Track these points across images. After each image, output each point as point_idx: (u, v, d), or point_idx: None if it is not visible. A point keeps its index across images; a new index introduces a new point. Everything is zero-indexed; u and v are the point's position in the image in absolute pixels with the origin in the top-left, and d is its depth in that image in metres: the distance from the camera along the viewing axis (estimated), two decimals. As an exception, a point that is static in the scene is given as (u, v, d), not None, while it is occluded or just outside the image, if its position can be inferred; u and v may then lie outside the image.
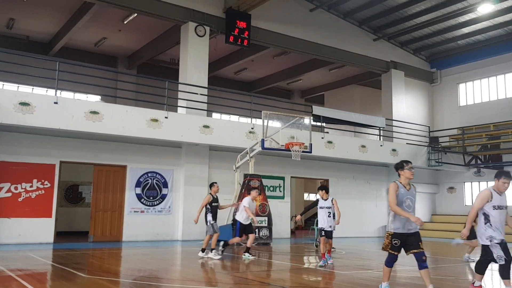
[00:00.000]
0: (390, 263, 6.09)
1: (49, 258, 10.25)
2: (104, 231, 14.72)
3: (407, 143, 20.07)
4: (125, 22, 17.83)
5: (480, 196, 6.09)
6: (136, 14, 16.56)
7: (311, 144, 14.09)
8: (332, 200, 9.95)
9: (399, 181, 6.08)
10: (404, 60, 22.65)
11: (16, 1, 16.36)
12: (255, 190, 11.29)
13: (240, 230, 10.92)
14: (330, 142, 17.41)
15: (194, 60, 16.30)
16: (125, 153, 15.04)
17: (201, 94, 15.63)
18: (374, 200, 20.70)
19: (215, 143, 15.07)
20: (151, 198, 15.37)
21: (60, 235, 14.45)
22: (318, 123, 17.83)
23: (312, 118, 15.90)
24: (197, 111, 15.24)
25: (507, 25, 19.99)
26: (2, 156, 13.12)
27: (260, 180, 14.88)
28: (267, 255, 12.04)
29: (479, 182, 21.02)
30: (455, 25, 20.36)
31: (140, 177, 15.24)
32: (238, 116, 21.20)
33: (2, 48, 16.34)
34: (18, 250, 11.42)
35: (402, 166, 6.12)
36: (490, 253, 5.89)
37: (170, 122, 14.07)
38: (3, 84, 17.99)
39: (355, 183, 20.22)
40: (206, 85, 16.41)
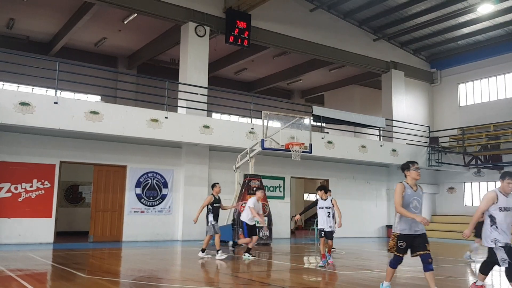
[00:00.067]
0: (395, 265, 6.02)
1: (49, 258, 10.24)
2: (104, 231, 14.72)
3: (407, 143, 20.07)
4: (125, 22, 17.83)
5: (485, 197, 6.02)
6: (136, 14, 16.55)
7: (311, 144, 14.08)
8: (331, 200, 9.94)
9: (405, 181, 6.00)
10: (404, 60, 22.65)
11: (16, 1, 16.35)
12: (260, 191, 11.21)
13: (248, 230, 10.87)
14: (330, 142, 17.42)
15: (194, 60, 16.30)
16: (125, 153, 15.03)
17: (201, 94, 15.62)
18: (374, 200, 20.70)
19: (215, 143, 15.07)
20: (151, 198, 15.37)
21: (60, 235, 14.45)
22: (318, 123, 17.82)
23: (312, 118, 15.90)
24: (197, 111, 15.24)
25: (507, 25, 19.99)
26: (2, 156, 13.12)
27: (260, 180, 14.87)
28: (267, 255, 12.03)
29: (479, 183, 21.02)
30: (455, 25, 20.36)
31: (140, 177, 15.24)
32: (238, 116, 21.19)
33: (2, 48, 16.34)
34: (18, 250, 11.42)
35: (408, 166, 6.04)
36: (495, 255, 5.87)
37: (170, 122, 14.07)
38: (3, 84, 17.99)
39: (355, 183, 20.21)
40: (206, 85, 16.41)
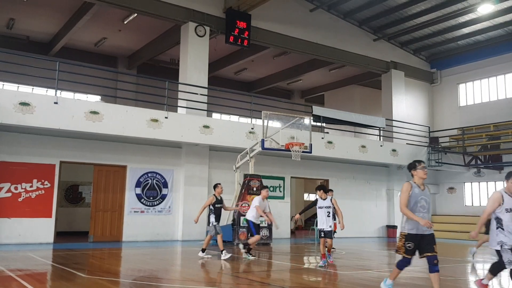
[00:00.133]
0: (402, 267, 5.92)
1: (49, 258, 10.24)
2: (104, 231, 14.72)
3: (407, 143, 20.08)
4: (125, 22, 17.83)
5: (491, 199, 5.94)
6: (136, 14, 16.55)
7: (311, 144, 14.09)
8: (331, 199, 9.93)
9: (413, 181, 5.93)
10: (404, 60, 22.65)
11: (16, 1, 16.36)
12: (265, 190, 11.24)
13: (255, 228, 10.93)
14: (330, 142, 17.42)
15: (194, 60, 16.30)
16: (125, 153, 15.03)
17: (201, 94, 15.63)
18: (374, 200, 20.70)
19: (215, 143, 15.07)
20: (151, 198, 15.37)
21: (60, 235, 14.45)
22: (318, 123, 17.83)
23: (312, 118, 15.91)
24: (197, 111, 15.24)
25: (507, 25, 19.99)
26: (2, 156, 13.12)
27: (260, 180, 14.86)
28: (267, 255, 12.03)
29: (479, 183, 21.03)
30: (455, 25, 20.36)
31: (140, 177, 15.24)
32: (238, 116, 21.19)
33: (2, 48, 16.34)
34: (18, 250, 11.42)
35: (415, 166, 5.95)
36: (501, 257, 5.82)
37: (170, 122, 14.08)
38: (3, 84, 17.99)
39: (355, 183, 20.21)
40: (206, 85, 16.41)
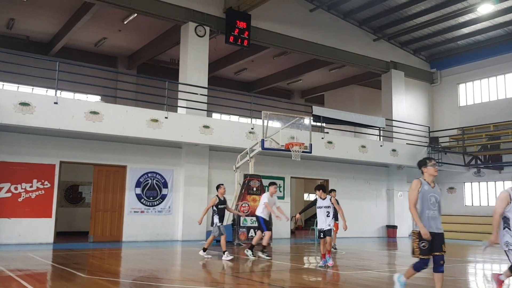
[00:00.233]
0: (418, 268, 5.76)
1: (49, 258, 10.25)
2: (104, 231, 14.71)
3: (407, 143, 20.07)
4: (125, 22, 17.82)
5: (498, 198, 5.81)
6: (136, 14, 16.54)
7: (311, 144, 14.08)
8: (330, 199, 9.93)
9: (423, 178, 5.86)
10: (404, 60, 22.65)
11: (16, 1, 16.35)
12: (273, 186, 11.17)
13: (266, 224, 10.98)
14: (330, 142, 17.42)
15: (194, 60, 16.30)
16: (125, 153, 15.03)
17: (201, 94, 15.62)
18: (374, 200, 20.70)
19: (215, 143, 15.07)
20: (151, 198, 15.37)
21: (60, 235, 14.44)
22: (318, 123, 17.83)
23: (312, 118, 15.91)
24: (197, 111, 15.24)
25: (507, 25, 20.00)
26: (2, 156, 13.12)
27: (260, 180, 14.87)
28: (267, 255, 11.99)
29: (479, 183, 21.03)
30: (455, 25, 20.36)
31: (140, 177, 15.24)
32: (238, 116, 21.19)
33: (2, 48, 16.35)
34: (18, 250, 11.42)
35: (425, 163, 5.90)
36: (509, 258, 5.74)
37: (170, 122, 14.07)
38: (3, 84, 17.99)
39: (355, 183, 20.20)
40: (206, 85, 16.40)
